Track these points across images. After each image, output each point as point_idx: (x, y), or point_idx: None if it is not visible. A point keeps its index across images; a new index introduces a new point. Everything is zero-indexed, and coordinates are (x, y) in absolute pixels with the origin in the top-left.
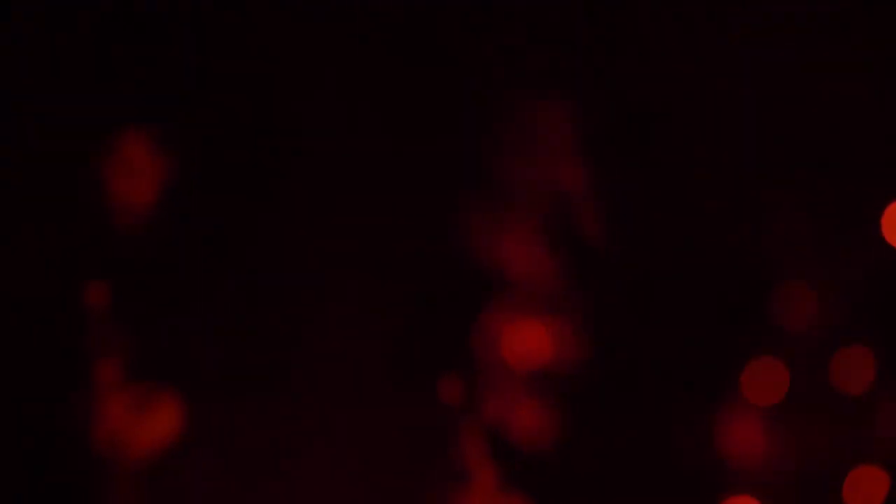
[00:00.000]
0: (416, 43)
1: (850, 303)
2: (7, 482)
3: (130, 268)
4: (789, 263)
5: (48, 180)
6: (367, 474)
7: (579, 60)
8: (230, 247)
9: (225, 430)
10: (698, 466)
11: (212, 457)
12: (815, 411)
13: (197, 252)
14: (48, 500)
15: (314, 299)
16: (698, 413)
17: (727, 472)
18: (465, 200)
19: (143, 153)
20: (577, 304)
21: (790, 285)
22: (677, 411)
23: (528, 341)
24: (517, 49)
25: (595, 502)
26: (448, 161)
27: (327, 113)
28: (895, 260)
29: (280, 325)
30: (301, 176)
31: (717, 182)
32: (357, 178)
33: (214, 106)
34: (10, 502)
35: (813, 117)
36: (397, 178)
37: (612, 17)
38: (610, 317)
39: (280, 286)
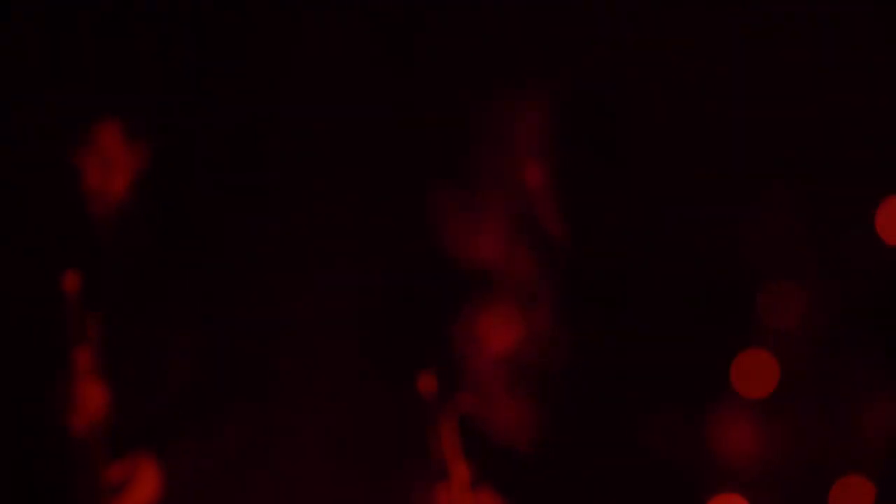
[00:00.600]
0: (394, 41)
1: (842, 301)
2: None
3: (107, 259)
4: (780, 261)
5: (26, 173)
6: (345, 473)
7: (554, 57)
8: (205, 240)
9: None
10: (686, 464)
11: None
12: (805, 410)
13: (171, 244)
14: (30, 485)
15: (291, 294)
16: (686, 411)
17: (715, 469)
18: (441, 197)
19: (118, 145)
20: (559, 300)
21: (781, 283)
22: (665, 409)
23: (509, 337)
24: (490, 47)
25: (581, 499)
26: (424, 158)
27: (304, 109)
28: (888, 257)
29: (257, 320)
30: (278, 172)
31: (707, 179)
32: (333, 176)
33: (191, 99)
34: None
35: (804, 115)
36: (373, 175)
37: (586, 13)
38: (595, 312)
39: (256, 281)
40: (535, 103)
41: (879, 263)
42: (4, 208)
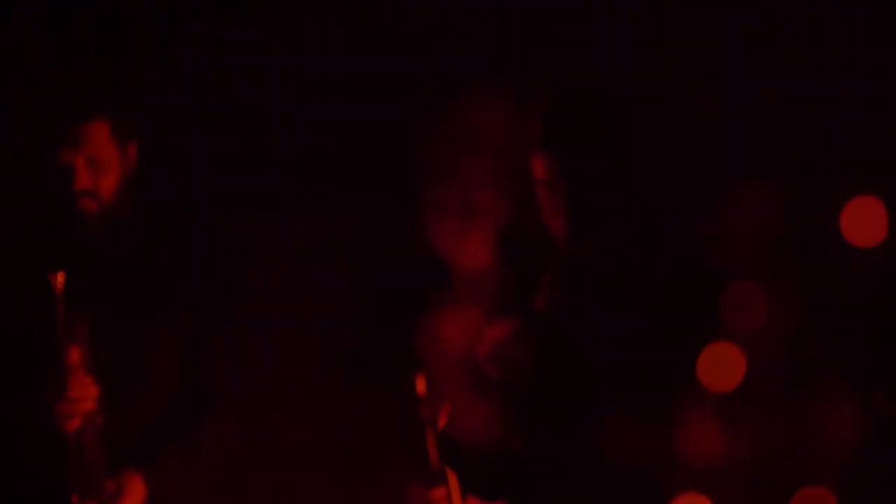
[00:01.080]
0: (372, 43)
1: (809, 301)
2: None
3: (97, 260)
4: (747, 260)
5: (16, 173)
6: (334, 481)
7: (528, 58)
8: (194, 242)
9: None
10: (651, 463)
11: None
12: (770, 410)
13: (161, 246)
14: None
15: (279, 297)
16: (652, 410)
17: (679, 469)
18: (417, 198)
19: (108, 146)
20: (529, 299)
21: (747, 282)
22: (630, 409)
23: (479, 336)
24: (468, 47)
25: (544, 499)
26: (399, 159)
27: (294, 110)
28: (853, 258)
29: (246, 324)
30: (267, 173)
31: (675, 177)
32: (321, 178)
33: (181, 100)
34: None
35: (770, 115)
36: (349, 176)
37: (563, 14)
38: (562, 311)
39: (246, 283)
40: (515, 103)
41: (846, 264)
42: None
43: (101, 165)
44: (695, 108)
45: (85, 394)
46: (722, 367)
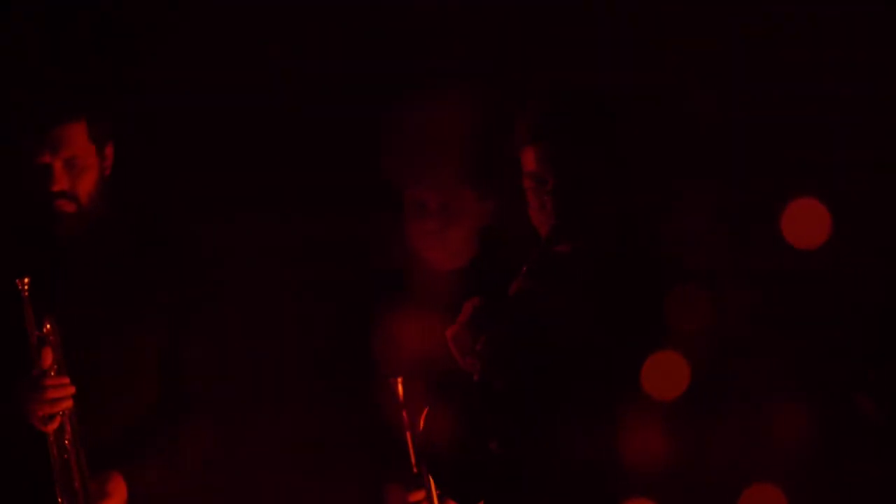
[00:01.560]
0: (354, 43)
1: (752, 304)
2: None
3: (74, 262)
4: (692, 262)
5: None
6: (314, 484)
7: (523, 57)
8: (173, 244)
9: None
10: (597, 468)
11: None
12: (715, 413)
13: (139, 248)
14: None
15: (258, 299)
16: (597, 415)
17: (626, 474)
18: (371, 204)
19: (86, 147)
20: (478, 304)
21: (691, 285)
22: (576, 413)
23: (429, 341)
24: (425, 50)
25: (524, 501)
26: (354, 164)
27: (271, 113)
28: (797, 260)
29: (217, 321)
30: (244, 175)
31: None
32: (299, 180)
33: (158, 102)
34: None
35: (713, 119)
36: (328, 177)
37: (559, 13)
38: (510, 316)
39: (224, 286)
40: (467, 106)
41: (789, 266)
42: None
43: (78, 167)
44: (683, 107)
45: (62, 394)
46: (666, 377)
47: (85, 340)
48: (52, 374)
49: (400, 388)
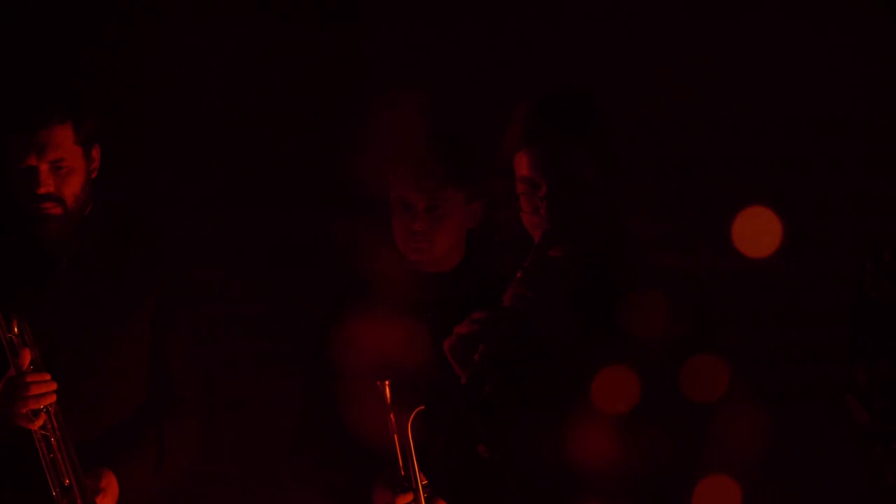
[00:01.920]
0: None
1: (704, 310)
2: None
3: (61, 265)
4: (643, 270)
5: None
6: (302, 486)
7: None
8: (157, 244)
9: None
10: (548, 474)
11: None
12: (666, 420)
13: (124, 248)
14: None
15: (235, 296)
16: (548, 421)
17: (577, 480)
18: (332, 206)
19: (72, 149)
20: (498, 297)
21: (643, 292)
22: (527, 418)
23: (383, 344)
24: (381, 54)
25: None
26: (314, 166)
27: (251, 117)
28: (747, 268)
29: (204, 322)
30: (225, 177)
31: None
32: (270, 179)
33: (144, 104)
34: None
35: (664, 124)
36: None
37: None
38: (509, 327)
39: (208, 285)
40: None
41: (738, 273)
42: None
43: (65, 170)
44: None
45: (44, 389)
46: (616, 388)
47: (71, 341)
48: (33, 372)
49: (388, 390)
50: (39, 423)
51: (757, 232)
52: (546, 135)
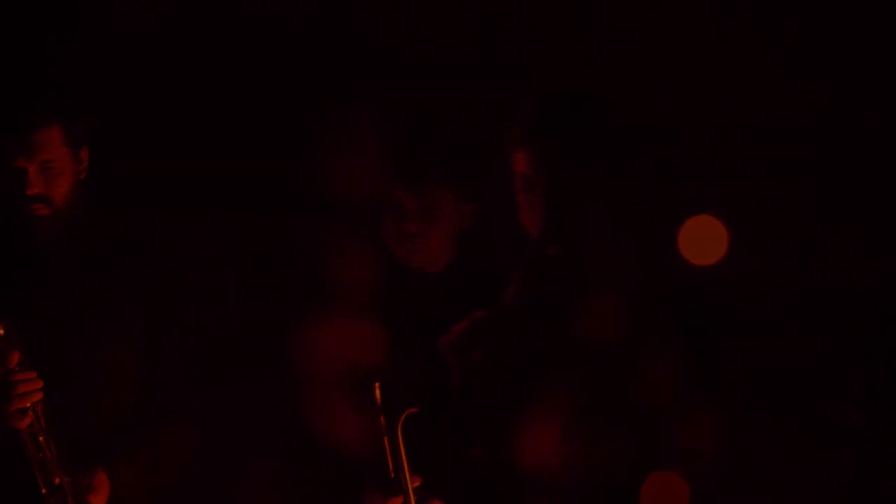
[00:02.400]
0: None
1: (654, 314)
2: None
3: (48, 263)
4: (594, 274)
5: None
6: (294, 489)
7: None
8: (146, 246)
9: None
10: (496, 476)
11: None
12: (616, 422)
13: (113, 249)
14: None
15: (225, 299)
16: (498, 423)
17: (526, 482)
18: (293, 208)
19: (60, 151)
20: (495, 297)
21: (595, 296)
22: (476, 421)
23: (340, 346)
24: (345, 58)
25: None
26: (277, 169)
27: (234, 117)
28: (698, 273)
29: (198, 329)
30: (213, 179)
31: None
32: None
33: (131, 105)
34: None
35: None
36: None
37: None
38: (509, 326)
39: (198, 288)
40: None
41: (688, 278)
42: None
43: (53, 171)
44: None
45: (31, 387)
46: (566, 392)
47: (61, 342)
48: (20, 370)
49: (378, 393)
50: (27, 421)
51: (704, 239)
52: (544, 133)
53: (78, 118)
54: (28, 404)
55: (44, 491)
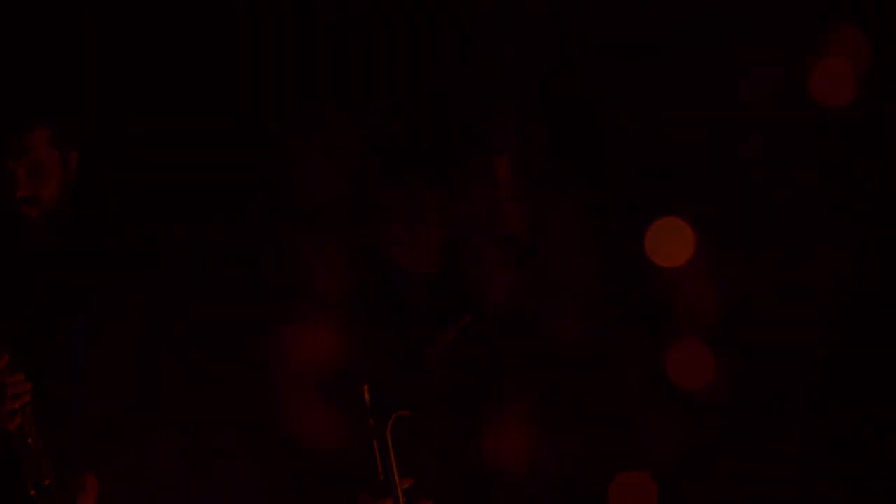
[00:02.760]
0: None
1: (619, 314)
2: None
3: (36, 266)
4: (561, 276)
5: None
6: (284, 491)
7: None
8: (136, 248)
9: None
10: (465, 474)
11: None
12: (583, 421)
13: (102, 252)
14: None
15: (220, 303)
16: (466, 423)
17: (493, 481)
18: (265, 211)
19: (49, 152)
20: (480, 302)
21: (562, 297)
22: (443, 421)
23: (318, 351)
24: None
25: None
26: (247, 173)
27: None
28: (662, 274)
29: (189, 330)
30: (206, 180)
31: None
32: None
33: (122, 106)
34: None
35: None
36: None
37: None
38: (515, 315)
39: (188, 289)
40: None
41: (655, 280)
42: None
43: (42, 173)
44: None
45: (20, 389)
46: (532, 389)
47: (49, 343)
48: (9, 372)
49: (367, 395)
50: (16, 423)
51: (669, 242)
52: (523, 139)
53: (67, 121)
54: (17, 406)
55: (33, 492)
